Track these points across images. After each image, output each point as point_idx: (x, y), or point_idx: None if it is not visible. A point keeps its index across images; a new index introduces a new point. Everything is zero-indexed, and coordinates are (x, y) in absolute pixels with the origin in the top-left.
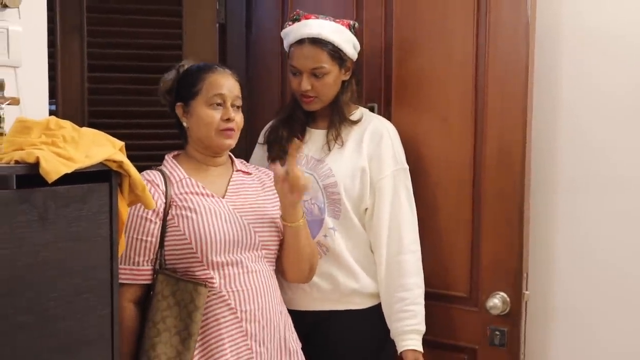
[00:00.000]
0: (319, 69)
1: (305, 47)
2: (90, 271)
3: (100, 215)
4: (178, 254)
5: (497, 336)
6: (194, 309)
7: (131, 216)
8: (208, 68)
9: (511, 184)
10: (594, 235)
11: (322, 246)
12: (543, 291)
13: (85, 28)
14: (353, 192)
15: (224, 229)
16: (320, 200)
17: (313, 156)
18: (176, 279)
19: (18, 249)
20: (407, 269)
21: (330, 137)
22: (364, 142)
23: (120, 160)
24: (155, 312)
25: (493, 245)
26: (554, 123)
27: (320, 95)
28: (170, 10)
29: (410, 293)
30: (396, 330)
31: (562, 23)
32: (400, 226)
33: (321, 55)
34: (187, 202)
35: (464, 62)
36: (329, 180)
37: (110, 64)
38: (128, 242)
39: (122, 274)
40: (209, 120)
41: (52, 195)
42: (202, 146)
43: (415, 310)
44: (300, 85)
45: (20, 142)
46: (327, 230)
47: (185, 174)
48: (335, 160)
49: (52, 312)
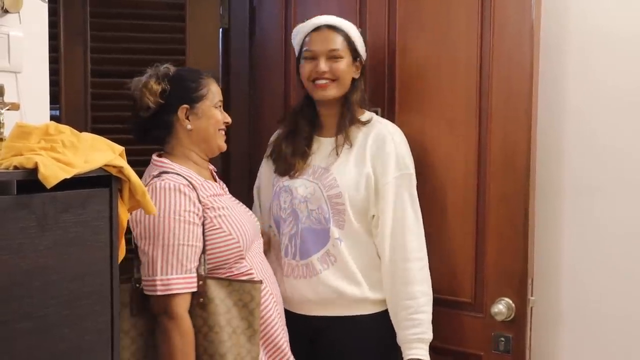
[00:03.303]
0: (336, 51)
1: (322, 32)
2: (89, 277)
3: (100, 220)
4: (224, 255)
5: (502, 342)
6: (255, 306)
7: (178, 222)
8: (201, 73)
9: (516, 188)
10: (600, 240)
11: (330, 255)
12: (548, 297)
13: (88, 33)
14: (358, 202)
15: (247, 221)
16: (325, 211)
17: (320, 165)
18: (228, 281)
19: (17, 255)
20: (412, 277)
21: (339, 141)
22: (367, 148)
23: (120, 166)
24: (217, 317)
25: (498, 251)
26: (560, 126)
27: (338, 78)
28: (173, 16)
29: (415, 302)
30: (402, 338)
31: (567, 24)
32: (404, 233)
33: (338, 39)
34: (216, 203)
35: (468, 65)
36: (334, 190)
37: (113, 69)
38: (177, 250)
39: (176, 284)
40: (218, 119)
41: (51, 201)
42: (200, 147)
43: (420, 319)
44: (317, 67)
45: (19, 147)
46: (334, 240)
47: (200, 177)
48: (340, 169)
49: (52, 318)
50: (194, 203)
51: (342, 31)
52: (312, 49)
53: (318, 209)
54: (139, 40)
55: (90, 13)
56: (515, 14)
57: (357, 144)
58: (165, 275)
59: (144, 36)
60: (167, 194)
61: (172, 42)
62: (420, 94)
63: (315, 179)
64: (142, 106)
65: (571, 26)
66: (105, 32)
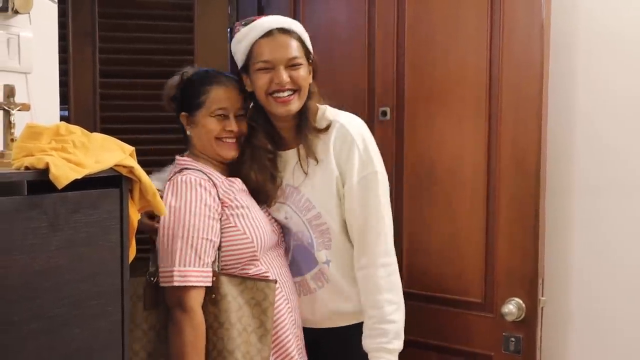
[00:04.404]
0: (294, 59)
1: (276, 38)
2: (100, 277)
3: (110, 220)
4: (238, 254)
5: (513, 343)
6: (268, 306)
7: (199, 216)
8: (211, 79)
9: (526, 189)
10: (610, 240)
11: (323, 274)
12: (559, 297)
13: (97, 34)
14: (338, 215)
15: (267, 224)
16: (307, 236)
17: (288, 184)
18: (241, 279)
19: (29, 255)
20: (377, 284)
21: (302, 155)
22: (331, 152)
23: (130, 166)
24: (229, 314)
25: (508, 251)
26: (570, 126)
27: (301, 88)
28: (182, 16)
29: (379, 311)
30: (366, 346)
31: (577, 26)
32: (372, 236)
33: (294, 44)
34: (235, 201)
35: (478, 65)
36: (311, 213)
37: (122, 69)
38: (196, 243)
39: (192, 276)
40: (209, 129)
41: (62, 201)
42: (206, 155)
43: (385, 328)
44: (277, 78)
45: (30, 148)
46: (322, 265)
47: (220, 175)
48: (310, 187)
49: (63, 318)
50: (214, 198)
51: (295, 34)
52: (267, 59)
53: (299, 233)
54: (147, 41)
55: (99, 14)
56: (525, 15)
57: (323, 150)
58: (183, 267)
59: (152, 36)
60: (188, 187)
61: (181, 42)
62: (430, 95)
63: (288, 201)
64: (167, 109)
65: (580, 26)
66: (114, 33)
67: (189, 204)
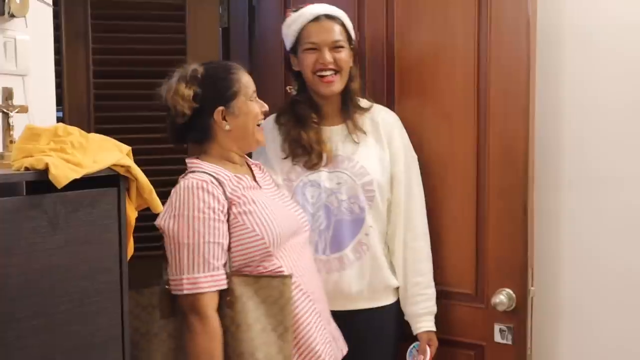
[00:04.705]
0: (338, 41)
1: (323, 22)
2: (99, 275)
3: (108, 219)
4: (250, 252)
5: (504, 332)
6: (285, 303)
7: (202, 220)
8: (232, 67)
9: (515, 181)
10: (598, 231)
11: (362, 245)
12: (548, 287)
13: (90, 35)
14: (383, 187)
15: (282, 217)
16: (362, 200)
17: (340, 154)
18: (255, 278)
19: (29, 254)
20: (421, 255)
21: (350, 129)
22: (382, 132)
23: (127, 165)
24: (245, 315)
25: (498, 242)
26: (557, 119)
27: (343, 69)
28: (173, 16)
29: (424, 277)
30: (412, 313)
31: (563, 20)
32: (414, 215)
33: (338, 29)
34: (245, 198)
35: (466, 59)
36: (365, 178)
37: (116, 69)
38: (203, 248)
39: (203, 282)
40: (256, 113)
41: (62, 201)
42: (239, 145)
43: (429, 294)
44: (321, 58)
45: (30, 149)
46: (368, 228)
47: (229, 172)
48: (365, 156)
49: (63, 315)
50: (217, 200)
51: (339, 20)
52: (314, 41)
53: (350, 199)
54: (140, 41)
55: (91, 15)
56: (512, 11)
57: (369, 129)
58: (192, 274)
59: (144, 37)
60: (189, 192)
61: (173, 42)
62: (419, 87)
63: (340, 167)
64: (178, 113)
65: (566, 21)
66: (106, 34)
67: (191, 210)
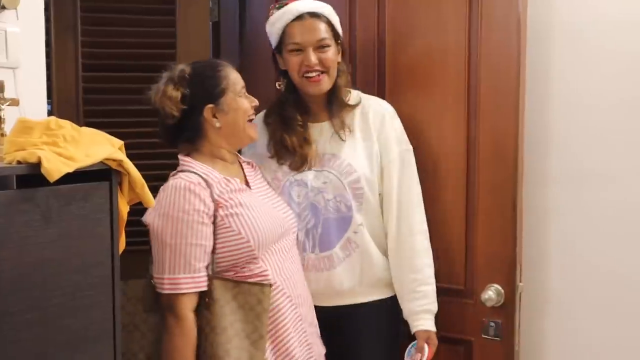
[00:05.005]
0: (323, 40)
1: (306, 21)
2: (92, 269)
3: (101, 213)
4: (235, 254)
5: (492, 328)
6: (262, 311)
7: (186, 222)
8: (219, 65)
9: (505, 177)
10: (586, 227)
11: (351, 243)
12: (537, 282)
13: (79, 28)
14: (372, 182)
15: (269, 220)
16: (347, 198)
17: (325, 152)
18: (235, 282)
19: (22, 248)
20: (418, 249)
21: (337, 126)
22: (371, 126)
23: (119, 159)
24: (220, 318)
25: (487, 238)
26: (546, 116)
27: (329, 69)
28: (164, 9)
29: (421, 274)
30: (409, 310)
31: (553, 17)
32: (409, 207)
33: (322, 27)
34: (232, 201)
35: (457, 55)
36: (352, 177)
37: (105, 63)
38: (185, 249)
39: (183, 283)
40: (246, 108)
41: (54, 195)
42: (230, 142)
43: (426, 291)
44: (306, 59)
45: (22, 142)
46: (357, 226)
47: (219, 174)
48: (351, 153)
49: (56, 310)
50: (203, 202)
51: (324, 17)
52: (298, 41)
53: (336, 198)
54: (130, 34)
55: (80, 7)
56: (503, 5)
57: (358, 124)
58: (173, 274)
59: (134, 30)
60: (176, 192)
61: (163, 36)
62: (410, 82)
63: (327, 167)
64: (167, 115)
65: (556, 18)
66: (96, 27)
67: (177, 211)
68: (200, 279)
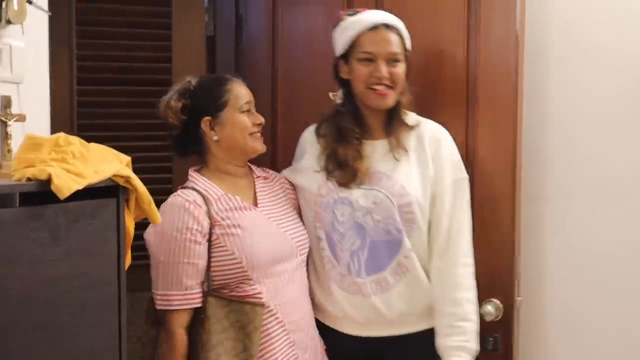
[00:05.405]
0: (396, 54)
1: (381, 32)
2: (99, 286)
3: (108, 230)
4: (227, 274)
5: (491, 342)
6: (253, 330)
7: (178, 240)
8: (226, 79)
9: (502, 192)
10: (583, 241)
11: (401, 266)
12: (535, 297)
13: (74, 41)
14: (424, 208)
15: (270, 244)
16: (398, 221)
17: (379, 170)
18: (228, 300)
19: (31, 266)
20: (460, 283)
21: (392, 145)
22: (426, 149)
23: (127, 175)
24: (211, 336)
25: (486, 253)
26: (544, 131)
27: (397, 85)
28: (159, 23)
29: (459, 308)
30: (443, 345)
31: (550, 33)
32: (457, 238)
33: (396, 40)
34: (230, 220)
35: (456, 73)
36: (404, 199)
37: (100, 77)
38: (177, 267)
39: (174, 300)
40: (244, 125)
41: (63, 212)
42: (232, 156)
43: (465, 327)
44: (377, 71)
45: (32, 159)
46: (407, 251)
47: (221, 191)
48: (405, 175)
49: (65, 327)
50: (197, 220)
51: (397, 30)
52: (371, 51)
53: (386, 219)
54: (125, 48)
55: (76, 21)
56: (500, 25)
57: (412, 147)
58: (165, 291)
59: (130, 44)
60: (171, 210)
61: (158, 50)
62: None
63: (378, 186)
64: (171, 126)
65: (554, 35)
66: (91, 40)
67: (170, 229)
68: (193, 295)
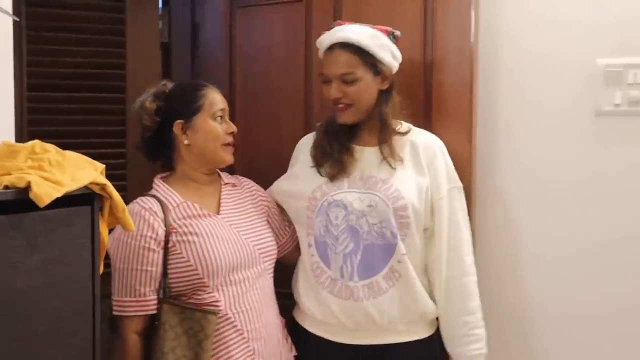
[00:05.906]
0: (348, 74)
1: (334, 53)
2: (75, 294)
3: (83, 238)
4: (183, 281)
5: None
6: (204, 338)
7: (132, 247)
8: (202, 84)
9: None
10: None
11: (394, 272)
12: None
13: (24, 47)
14: (419, 214)
15: (227, 251)
16: (393, 225)
17: (375, 175)
18: (182, 308)
19: (7, 276)
20: (469, 292)
21: (385, 152)
22: (422, 159)
23: (103, 183)
24: (163, 343)
25: None
26: (494, 143)
27: (355, 102)
28: (113, 30)
29: (473, 317)
30: (461, 355)
31: (501, 46)
32: (460, 248)
33: (351, 60)
34: (187, 227)
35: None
36: (399, 203)
37: (51, 83)
38: (130, 274)
39: (128, 306)
40: (216, 133)
41: (41, 220)
42: (201, 162)
43: (480, 334)
44: (326, 93)
45: (8, 166)
46: (401, 256)
47: (180, 199)
48: (401, 180)
49: (41, 338)
50: (152, 227)
51: (357, 48)
52: (324, 73)
53: (381, 223)
54: (77, 54)
55: (26, 26)
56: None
57: (408, 153)
58: (120, 297)
59: (82, 50)
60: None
61: (112, 56)
62: None
63: (374, 190)
64: (144, 127)
65: (504, 48)
66: (42, 45)
67: (125, 236)
68: (146, 302)
